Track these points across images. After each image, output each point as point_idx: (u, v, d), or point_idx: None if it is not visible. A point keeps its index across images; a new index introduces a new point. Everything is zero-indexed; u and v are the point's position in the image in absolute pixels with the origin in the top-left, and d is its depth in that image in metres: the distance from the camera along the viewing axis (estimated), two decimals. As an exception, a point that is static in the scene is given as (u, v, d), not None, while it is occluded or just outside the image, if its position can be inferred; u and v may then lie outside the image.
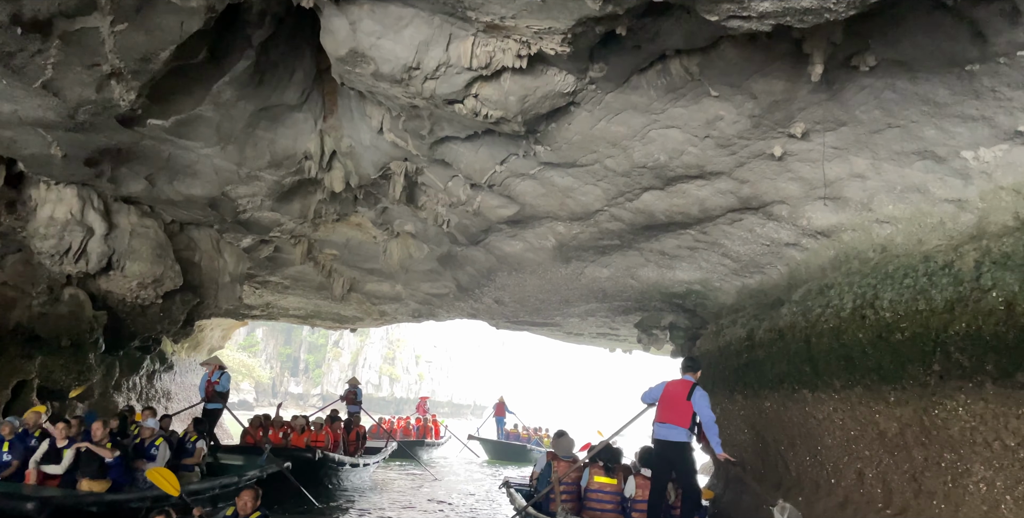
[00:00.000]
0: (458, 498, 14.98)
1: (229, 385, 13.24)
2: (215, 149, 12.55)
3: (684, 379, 8.03)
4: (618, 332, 20.57)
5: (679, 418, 7.66)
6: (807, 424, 9.52)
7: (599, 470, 8.14)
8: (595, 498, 8.05)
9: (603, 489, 8.03)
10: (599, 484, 8.04)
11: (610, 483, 8.05)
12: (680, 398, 7.75)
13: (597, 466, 8.17)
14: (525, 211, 12.74)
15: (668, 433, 7.68)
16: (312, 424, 12.38)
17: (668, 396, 7.85)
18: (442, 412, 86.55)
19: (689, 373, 8.14)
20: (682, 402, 7.71)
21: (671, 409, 7.76)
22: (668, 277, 13.42)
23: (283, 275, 19.44)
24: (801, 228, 9.82)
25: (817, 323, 8.97)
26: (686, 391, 7.74)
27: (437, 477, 18.00)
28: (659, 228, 11.76)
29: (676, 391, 7.85)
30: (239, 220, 15.60)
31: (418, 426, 25.64)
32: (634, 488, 7.94)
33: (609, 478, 8.07)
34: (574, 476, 8.31)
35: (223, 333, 26.73)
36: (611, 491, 8.01)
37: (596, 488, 8.05)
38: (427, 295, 19.95)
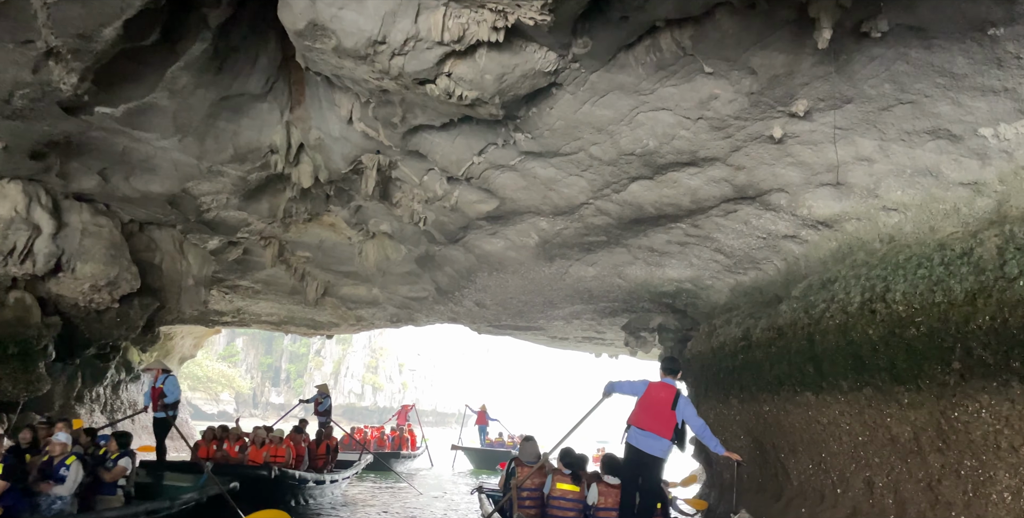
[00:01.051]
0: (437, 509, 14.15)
1: (178, 391, 11.82)
2: (172, 141, 11.73)
3: (665, 383, 7.54)
4: (604, 335, 19.84)
5: (662, 428, 7.16)
6: (810, 429, 8.81)
7: (562, 477, 7.83)
8: (557, 505, 7.73)
9: (565, 496, 7.71)
10: (562, 491, 7.73)
11: (572, 490, 7.74)
12: (664, 405, 7.24)
13: (561, 473, 7.88)
14: (506, 206, 12.00)
15: (648, 443, 7.19)
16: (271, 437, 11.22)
17: (651, 401, 7.35)
18: (427, 421, 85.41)
19: (670, 376, 7.66)
20: (666, 410, 7.22)
21: (653, 417, 7.25)
22: (657, 275, 12.70)
23: (253, 279, 18.58)
24: (801, 218, 9.14)
25: (821, 319, 8.27)
26: (670, 398, 7.26)
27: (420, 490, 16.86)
28: (648, 222, 11.05)
29: (659, 396, 7.33)
30: (203, 220, 14.76)
31: (393, 437, 24.09)
32: (597, 495, 7.59)
33: (572, 485, 7.76)
34: (538, 482, 8.05)
35: (195, 341, 25.78)
36: (573, 498, 7.70)
37: (559, 495, 7.73)
38: (405, 299, 19.14)
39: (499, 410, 31.38)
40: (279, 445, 10.78)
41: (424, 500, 15.52)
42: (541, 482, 8.04)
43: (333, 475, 12.83)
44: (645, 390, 7.41)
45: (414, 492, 16.52)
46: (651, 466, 7.23)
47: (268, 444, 10.60)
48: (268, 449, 10.60)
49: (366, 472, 18.31)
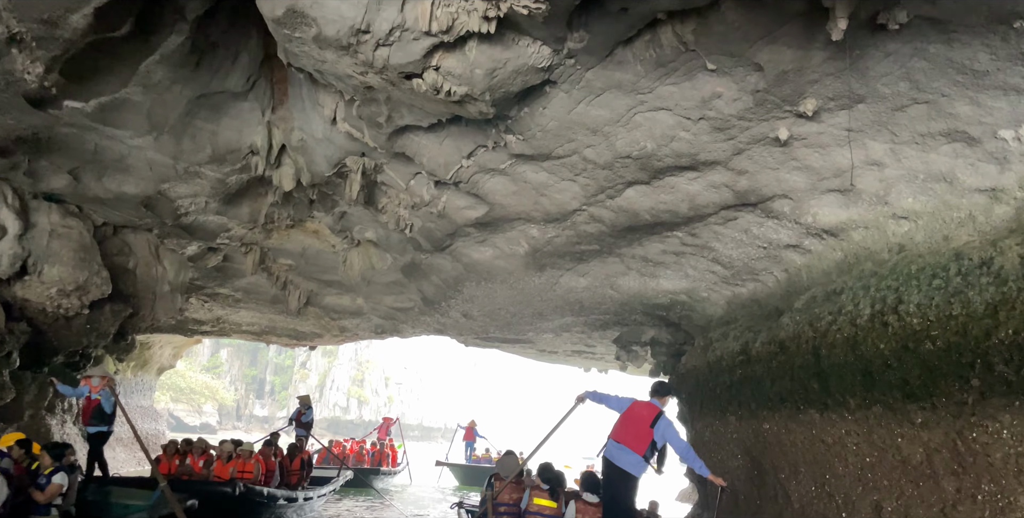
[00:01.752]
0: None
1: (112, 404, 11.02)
2: (147, 139, 11.21)
3: (651, 402, 7.40)
4: (594, 349, 19.33)
5: (636, 443, 7.07)
6: (814, 449, 8.33)
7: (541, 492, 7.74)
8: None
9: (542, 511, 7.62)
10: (539, 506, 7.65)
11: (550, 506, 7.64)
12: (642, 422, 7.15)
13: (539, 488, 7.78)
14: (495, 212, 11.53)
15: (620, 456, 7.09)
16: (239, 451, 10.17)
17: (631, 417, 7.28)
18: (413, 435, 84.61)
19: (657, 398, 7.48)
20: (643, 427, 7.12)
21: (630, 431, 7.18)
22: (651, 287, 12.23)
23: (234, 287, 17.98)
24: (805, 226, 8.71)
25: (828, 333, 7.81)
26: (651, 417, 7.15)
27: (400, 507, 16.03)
28: (643, 230, 10.59)
29: (640, 413, 7.25)
30: (181, 224, 14.21)
31: (373, 452, 22.70)
32: (574, 513, 7.45)
33: (549, 501, 7.67)
34: (516, 497, 7.96)
35: (174, 351, 25.10)
36: (550, 514, 7.61)
37: (536, 510, 7.65)
38: (390, 309, 18.59)
39: (486, 425, 30.68)
40: (248, 459, 9.94)
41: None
42: (519, 497, 7.90)
43: (307, 492, 12.01)
44: (629, 406, 7.34)
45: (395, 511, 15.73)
46: (622, 481, 7.06)
47: (236, 459, 9.81)
48: (235, 464, 9.75)
49: (345, 489, 17.30)
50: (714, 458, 11.07)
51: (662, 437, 7.08)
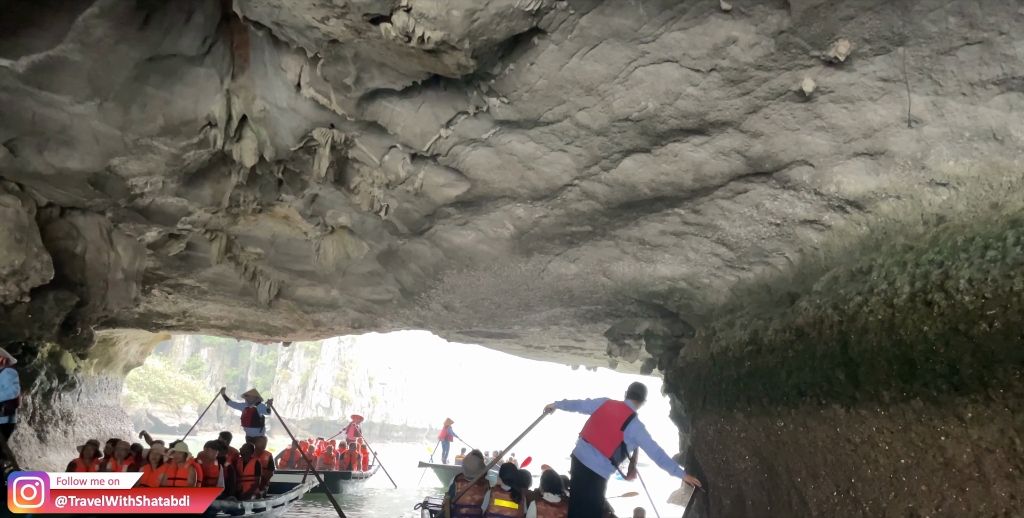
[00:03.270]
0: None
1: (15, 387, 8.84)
2: (90, 106, 10.12)
3: (624, 403, 7.29)
4: (583, 345, 18.30)
5: (605, 444, 6.96)
6: (837, 449, 7.31)
7: (501, 493, 7.59)
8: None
9: (503, 513, 7.46)
10: (499, 508, 7.49)
11: (511, 507, 7.48)
12: (613, 423, 7.05)
13: (500, 489, 7.64)
14: (477, 189, 10.48)
15: (588, 456, 7.00)
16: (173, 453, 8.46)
17: (602, 416, 7.18)
18: (397, 436, 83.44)
19: (632, 400, 7.35)
20: (614, 429, 7.00)
21: (599, 431, 7.07)
22: (648, 273, 11.21)
23: (199, 277, 16.82)
24: (827, 198, 7.70)
25: (857, 316, 6.79)
26: (622, 419, 7.04)
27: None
28: (641, 207, 9.57)
29: (611, 413, 7.14)
30: (136, 207, 13.07)
31: (342, 453, 20.66)
32: (535, 514, 7.25)
33: (511, 502, 7.50)
34: (478, 499, 7.78)
35: (142, 348, 23.85)
36: (511, 515, 7.44)
37: (496, 511, 7.48)
38: (367, 302, 17.48)
39: (471, 426, 29.55)
40: (181, 464, 8.42)
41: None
42: (481, 499, 7.73)
43: (259, 503, 10.12)
44: (601, 406, 7.24)
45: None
46: (588, 481, 6.96)
47: (168, 463, 8.42)
48: (166, 470, 8.28)
49: (312, 496, 15.48)
50: (718, 460, 10.06)
51: (633, 440, 6.95)
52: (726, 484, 10.01)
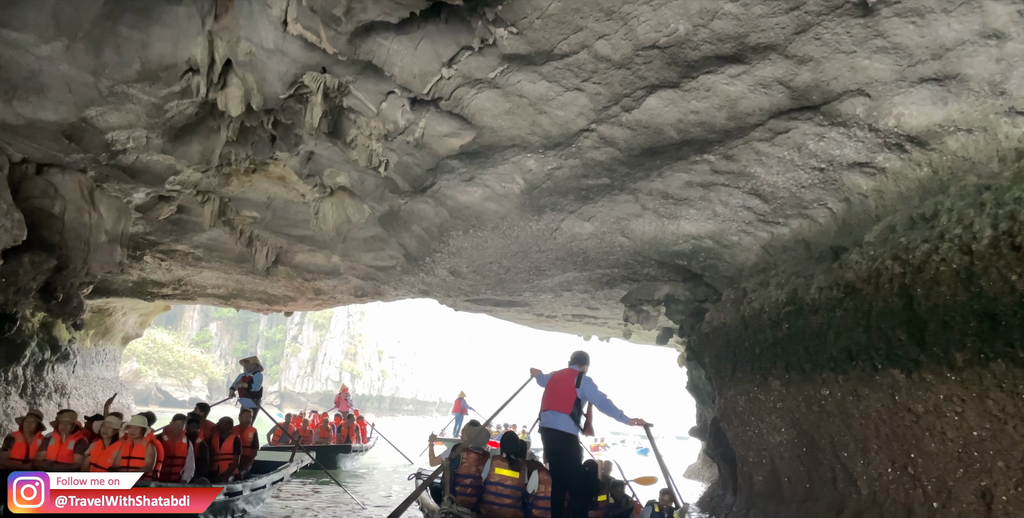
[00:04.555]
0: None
1: None
2: (57, 47, 9.19)
3: (571, 369, 7.50)
4: (597, 313, 17.42)
5: (562, 404, 7.20)
6: (895, 420, 6.43)
7: (501, 462, 7.54)
8: (494, 491, 7.42)
9: (503, 482, 7.42)
10: (500, 476, 7.43)
11: (511, 476, 7.44)
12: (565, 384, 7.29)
13: (500, 458, 7.60)
14: (484, 138, 9.54)
15: (554, 420, 7.20)
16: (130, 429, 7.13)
17: (554, 383, 7.47)
18: (407, 410, 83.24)
19: (576, 365, 7.54)
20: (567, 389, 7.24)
21: (554, 396, 7.33)
22: (670, 231, 10.28)
23: (192, 243, 16.00)
24: (883, 135, 6.72)
25: (926, 266, 5.84)
26: (572, 379, 7.29)
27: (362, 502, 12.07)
28: (665, 154, 8.61)
29: (562, 378, 7.43)
30: (120, 165, 12.18)
31: (338, 426, 18.99)
32: (537, 483, 7.40)
33: (511, 471, 7.45)
34: (480, 469, 7.70)
35: (140, 319, 23.16)
36: (511, 485, 7.40)
37: (496, 480, 7.42)
38: (370, 268, 16.64)
39: (482, 399, 28.79)
40: (139, 440, 7.11)
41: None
42: (482, 468, 7.67)
43: (234, 486, 8.80)
44: (550, 378, 7.55)
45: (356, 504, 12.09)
46: (563, 443, 7.13)
47: (123, 440, 7.12)
48: (121, 447, 7.02)
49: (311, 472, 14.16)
50: (749, 433, 9.20)
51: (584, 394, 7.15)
52: (757, 459, 9.17)
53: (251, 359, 13.15)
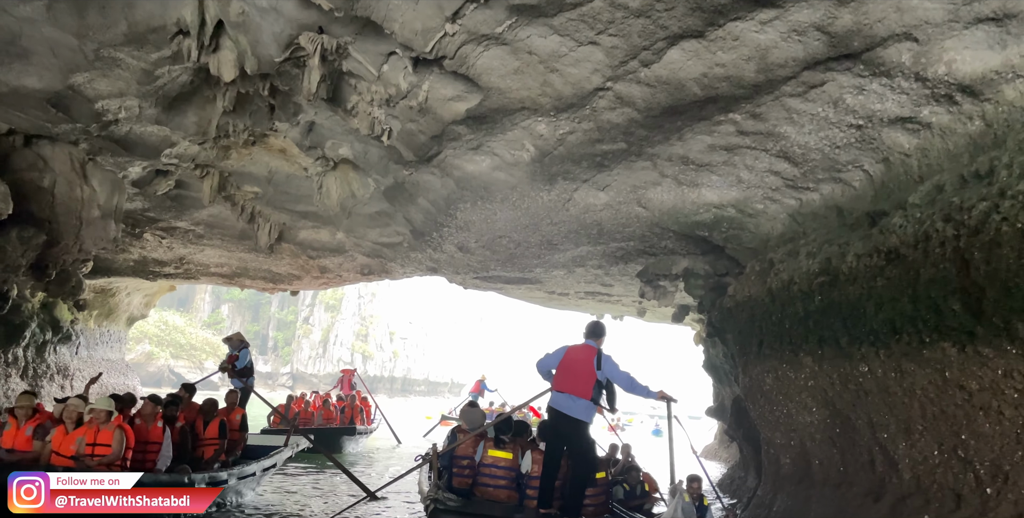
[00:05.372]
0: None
1: None
2: (37, 8, 8.69)
3: (587, 344, 7.06)
4: (611, 290, 16.86)
5: (581, 388, 6.76)
6: (944, 398, 5.86)
7: (493, 444, 7.45)
8: (488, 473, 7.31)
9: (497, 463, 7.31)
10: (493, 458, 7.34)
11: (505, 457, 7.33)
12: (584, 365, 6.83)
13: (491, 439, 7.52)
14: (491, 101, 8.94)
15: (568, 404, 6.78)
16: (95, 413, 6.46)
17: (569, 363, 6.98)
18: (419, 391, 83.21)
19: (592, 338, 7.13)
20: (586, 370, 6.80)
21: (572, 377, 6.85)
22: (690, 199, 9.68)
23: (193, 220, 15.53)
24: (931, 84, 6.09)
25: (984, 226, 5.24)
26: (591, 358, 6.86)
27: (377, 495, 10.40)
28: (687, 114, 7.99)
29: (578, 357, 6.93)
30: (113, 136, 11.69)
31: (341, 407, 18.24)
32: (531, 464, 7.23)
33: (504, 452, 7.36)
34: (471, 450, 7.64)
35: (145, 299, 22.80)
36: (505, 466, 7.29)
37: (490, 462, 7.33)
38: (376, 245, 16.12)
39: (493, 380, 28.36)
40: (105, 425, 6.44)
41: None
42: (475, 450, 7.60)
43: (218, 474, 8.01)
44: (564, 354, 7.06)
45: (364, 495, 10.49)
46: (574, 429, 6.79)
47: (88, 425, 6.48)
48: (85, 432, 6.39)
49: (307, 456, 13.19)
50: (776, 413, 8.65)
51: (607, 375, 6.82)
52: (785, 440, 8.63)
53: (234, 336, 12.45)
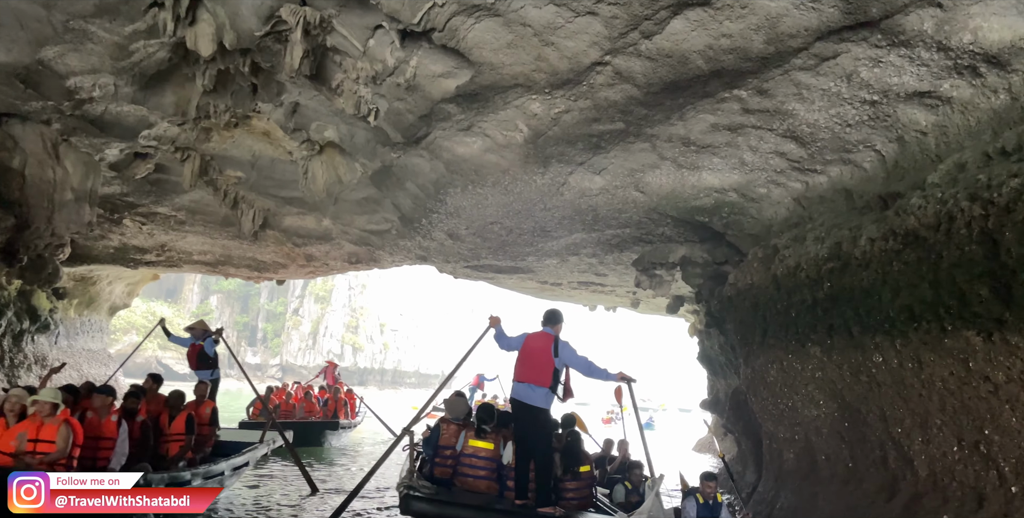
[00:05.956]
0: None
1: None
2: (-1, -27, 8.11)
3: (545, 332, 6.95)
4: (605, 280, 16.46)
5: (540, 377, 6.69)
6: (966, 391, 5.48)
7: (474, 433, 7.32)
8: (468, 463, 7.20)
9: (477, 453, 7.19)
10: (473, 448, 7.22)
11: (485, 447, 7.20)
12: (542, 353, 6.74)
13: (473, 429, 7.39)
14: (483, 77, 8.48)
15: (528, 394, 6.69)
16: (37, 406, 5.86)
17: (528, 351, 6.86)
18: (409, 383, 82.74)
19: (549, 325, 7.02)
20: (545, 358, 6.72)
21: (531, 366, 6.77)
22: (690, 183, 9.27)
23: (174, 205, 15.00)
24: (954, 54, 5.68)
25: (1017, 204, 4.84)
26: (548, 345, 6.77)
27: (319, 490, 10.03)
28: (690, 91, 7.56)
29: (537, 345, 6.83)
30: (88, 116, 11.17)
31: (323, 399, 17.27)
32: (512, 455, 7.06)
33: (485, 442, 7.23)
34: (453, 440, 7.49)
35: (128, 288, 22.27)
36: (486, 456, 7.18)
37: (470, 452, 7.22)
38: (364, 232, 15.65)
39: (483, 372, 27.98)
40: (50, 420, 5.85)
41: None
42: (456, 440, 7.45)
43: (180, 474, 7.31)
44: (523, 342, 6.96)
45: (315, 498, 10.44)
46: (534, 418, 6.70)
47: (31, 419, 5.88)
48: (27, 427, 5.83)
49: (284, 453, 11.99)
50: (780, 406, 8.27)
51: (563, 363, 6.75)
52: (789, 434, 8.25)
53: (197, 324, 11.51)
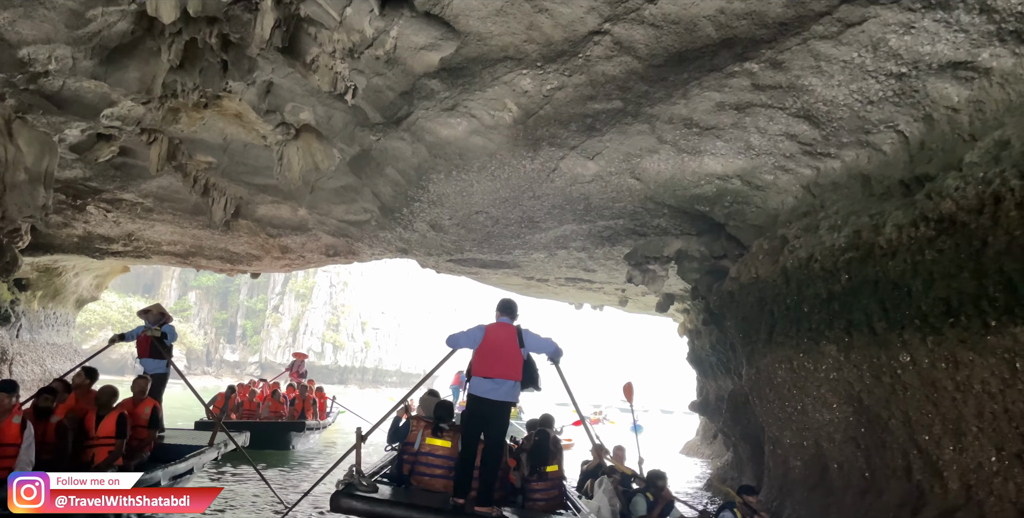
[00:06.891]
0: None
1: None
2: (-66, -76, 7.33)
3: (504, 323, 6.55)
4: (594, 276, 15.81)
5: (508, 370, 6.27)
6: (1008, 394, 4.86)
7: (432, 431, 7.09)
8: (425, 461, 6.97)
9: (434, 452, 6.98)
10: (430, 446, 7.01)
11: (443, 446, 6.99)
12: (507, 345, 6.34)
13: (431, 427, 7.14)
14: (469, 48, 7.80)
15: (495, 390, 6.21)
16: None
17: (491, 344, 6.38)
18: (391, 382, 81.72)
19: (508, 316, 6.61)
20: (511, 350, 6.33)
21: (497, 359, 6.29)
22: (691, 169, 8.62)
23: (141, 191, 14.18)
24: (997, 18, 5.06)
25: (1082, 180, 4.23)
26: (513, 336, 6.41)
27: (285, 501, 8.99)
28: (697, 62, 6.91)
29: (500, 337, 6.40)
30: (43, 91, 10.38)
31: (292, 398, 15.81)
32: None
33: (442, 440, 7.02)
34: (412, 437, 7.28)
35: (96, 280, 21.35)
36: (443, 454, 6.96)
37: (427, 450, 7.00)
38: (342, 223, 14.90)
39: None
40: None
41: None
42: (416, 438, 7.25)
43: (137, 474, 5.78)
44: (484, 336, 6.47)
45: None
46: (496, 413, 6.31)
47: None
48: None
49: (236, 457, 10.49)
50: (788, 409, 7.62)
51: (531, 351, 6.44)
52: (796, 440, 7.61)
53: (153, 308, 10.06)
